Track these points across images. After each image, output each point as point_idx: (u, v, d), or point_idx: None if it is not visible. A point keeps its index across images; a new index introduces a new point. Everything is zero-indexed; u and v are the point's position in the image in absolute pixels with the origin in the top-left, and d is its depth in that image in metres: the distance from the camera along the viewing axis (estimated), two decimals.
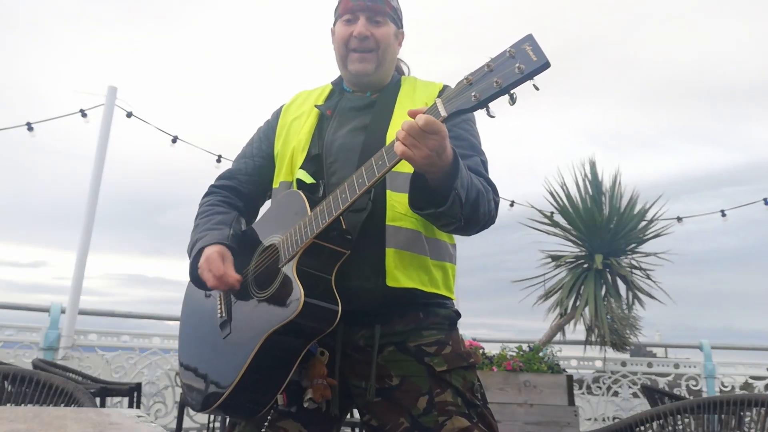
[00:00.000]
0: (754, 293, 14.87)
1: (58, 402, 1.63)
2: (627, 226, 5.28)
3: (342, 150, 1.47)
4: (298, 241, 1.31)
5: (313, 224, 1.28)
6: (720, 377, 5.46)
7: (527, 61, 1.02)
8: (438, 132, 1.12)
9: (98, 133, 5.13)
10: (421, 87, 1.62)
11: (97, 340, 4.94)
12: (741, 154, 25.14)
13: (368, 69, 1.55)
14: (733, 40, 19.46)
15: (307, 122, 1.57)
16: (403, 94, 1.58)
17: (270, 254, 1.38)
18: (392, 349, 1.37)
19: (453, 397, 1.34)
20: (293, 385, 1.31)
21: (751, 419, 1.78)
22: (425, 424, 1.31)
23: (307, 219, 1.30)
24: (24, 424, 0.89)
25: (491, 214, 1.38)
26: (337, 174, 1.44)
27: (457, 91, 1.10)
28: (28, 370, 1.76)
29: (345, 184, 1.25)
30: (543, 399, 3.78)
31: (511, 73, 1.02)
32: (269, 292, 1.30)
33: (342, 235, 1.31)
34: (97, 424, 0.96)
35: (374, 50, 1.54)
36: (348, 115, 1.55)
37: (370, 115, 1.52)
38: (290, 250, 1.31)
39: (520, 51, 1.03)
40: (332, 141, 1.49)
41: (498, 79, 1.03)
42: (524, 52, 1.02)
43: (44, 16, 17.40)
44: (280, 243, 1.36)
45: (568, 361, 5.61)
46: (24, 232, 51.51)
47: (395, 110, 1.53)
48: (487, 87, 1.05)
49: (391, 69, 1.63)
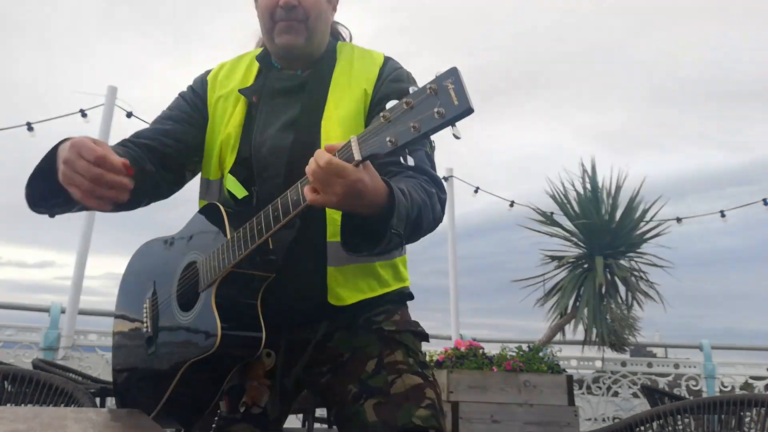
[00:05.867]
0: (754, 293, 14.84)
1: (58, 402, 1.62)
2: (627, 226, 5.28)
3: (272, 154, 1.33)
4: (215, 267, 1.20)
5: (230, 252, 1.18)
6: (720, 377, 5.45)
7: (448, 103, 0.86)
8: (345, 177, 0.96)
9: (98, 133, 5.13)
10: (359, 62, 1.44)
11: (97, 340, 4.94)
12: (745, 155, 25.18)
13: (297, 42, 1.37)
14: (736, 42, 19.50)
15: (235, 112, 1.40)
16: (339, 72, 1.41)
17: (191, 274, 1.29)
18: (342, 332, 1.33)
19: (404, 356, 1.30)
20: (236, 389, 1.28)
21: (751, 419, 1.78)
22: (373, 385, 1.25)
23: (225, 244, 1.20)
24: (24, 424, 0.89)
25: (436, 221, 1.26)
26: (268, 183, 1.32)
27: (374, 131, 0.95)
28: (28, 370, 1.76)
29: (261, 214, 1.14)
30: (543, 399, 3.78)
31: (429, 117, 0.88)
32: (190, 318, 1.23)
33: (266, 257, 1.22)
34: (97, 424, 0.96)
35: (304, 20, 1.36)
36: (277, 103, 1.39)
37: (300, 104, 1.37)
38: (208, 276, 1.21)
39: (441, 89, 0.87)
40: (261, 143, 1.35)
41: (415, 123, 0.89)
42: (446, 91, 0.87)
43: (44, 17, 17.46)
44: (200, 264, 1.26)
45: (568, 361, 5.61)
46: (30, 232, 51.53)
47: (329, 95, 1.37)
48: (403, 131, 0.91)
49: (324, 39, 1.44)
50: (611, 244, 5.24)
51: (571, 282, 5.20)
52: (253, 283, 1.22)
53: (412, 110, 0.91)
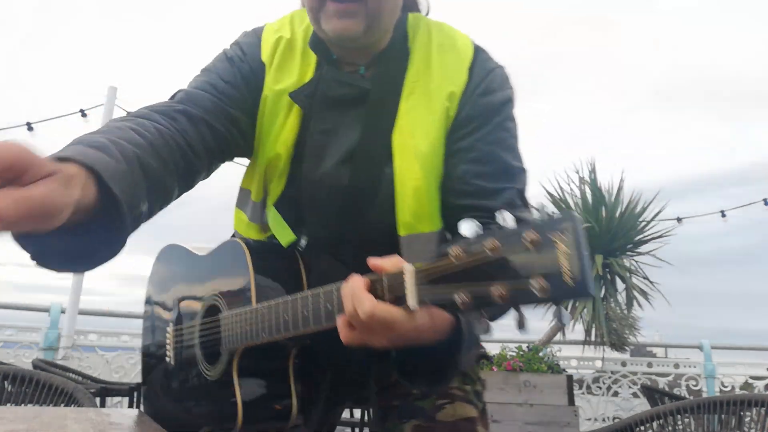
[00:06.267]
0: (754, 293, 14.85)
1: (58, 402, 1.62)
2: (627, 226, 5.28)
3: (328, 197, 1.07)
4: (237, 335, 1.01)
5: (253, 330, 0.97)
6: (720, 377, 5.45)
7: (554, 274, 0.56)
8: (395, 329, 0.72)
9: None
10: (439, 57, 1.08)
11: (97, 340, 4.94)
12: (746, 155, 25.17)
13: (353, 29, 0.99)
14: (738, 44, 19.54)
15: (287, 124, 1.09)
16: (413, 76, 1.06)
17: (213, 324, 1.11)
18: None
19: (459, 383, 1.12)
20: None
21: (751, 419, 1.78)
22: (419, 406, 1.09)
23: (250, 314, 0.99)
24: (24, 424, 0.89)
25: None
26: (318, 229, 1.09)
27: (441, 270, 0.67)
28: (28, 370, 1.76)
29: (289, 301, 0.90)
30: (543, 399, 3.78)
31: (523, 287, 0.58)
32: (212, 376, 1.11)
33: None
34: (97, 424, 0.96)
35: (363, 0, 0.99)
36: (332, 120, 1.08)
37: (361, 124, 1.06)
38: (231, 340, 1.03)
39: (546, 245, 0.57)
40: (315, 182, 1.08)
41: (501, 290, 0.60)
42: (552, 250, 0.57)
43: (45, 17, 17.47)
44: (222, 318, 1.07)
45: (567, 361, 5.61)
46: None
47: (400, 113, 1.05)
48: (483, 296, 0.62)
49: (390, 24, 1.07)
50: (611, 243, 5.25)
51: None
52: (281, 351, 1.05)
53: (499, 264, 0.61)
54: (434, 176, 1.04)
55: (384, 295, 0.73)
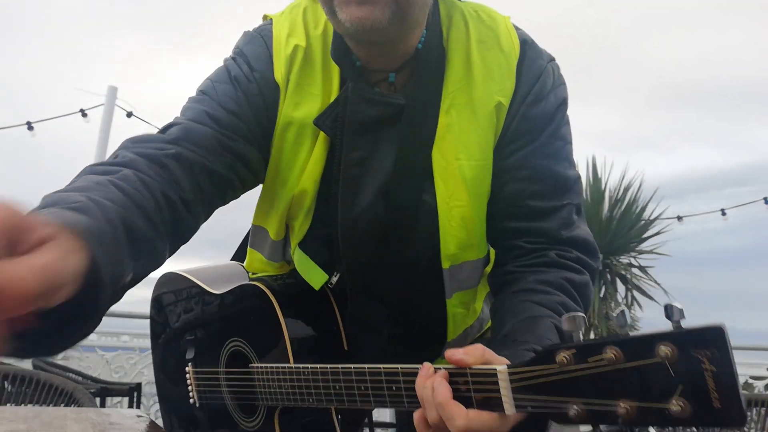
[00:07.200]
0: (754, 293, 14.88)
1: (58, 402, 1.62)
2: (627, 225, 5.28)
3: (365, 232, 0.95)
4: (275, 393, 0.93)
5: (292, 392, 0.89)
6: None
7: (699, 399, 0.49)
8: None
9: (98, 133, 5.14)
10: (480, 56, 0.90)
11: (97, 340, 4.94)
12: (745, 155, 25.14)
13: (375, 18, 0.80)
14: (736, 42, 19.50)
15: (313, 157, 0.94)
16: (452, 84, 0.90)
17: (245, 377, 1.01)
18: None
19: None
20: None
21: (751, 419, 1.78)
22: None
23: (287, 372, 0.90)
24: (24, 424, 0.89)
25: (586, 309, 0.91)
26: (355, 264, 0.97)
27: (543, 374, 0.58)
28: (28, 370, 1.76)
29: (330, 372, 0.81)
30: None
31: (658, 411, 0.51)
32: (252, 428, 1.04)
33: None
34: (97, 424, 0.96)
35: None
36: (365, 146, 0.92)
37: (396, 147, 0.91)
38: (268, 396, 0.95)
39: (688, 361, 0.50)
40: (352, 220, 0.94)
41: (627, 406, 0.53)
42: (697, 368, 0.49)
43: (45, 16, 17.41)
44: (255, 371, 0.98)
45: None
46: None
47: (439, 130, 0.90)
48: (602, 412, 0.54)
49: (422, 14, 0.88)
50: (611, 243, 5.25)
51: None
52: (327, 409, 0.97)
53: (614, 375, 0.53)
54: (482, 201, 0.92)
55: (470, 395, 0.64)
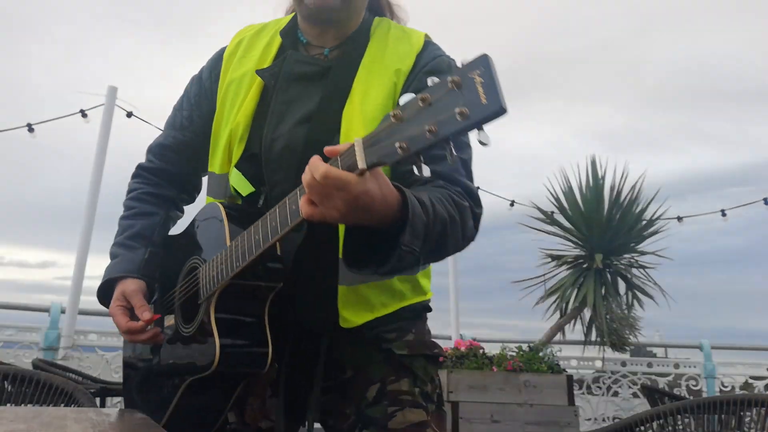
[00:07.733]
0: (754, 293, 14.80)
1: (58, 402, 1.62)
2: (627, 225, 5.28)
3: (284, 154, 1.17)
4: (214, 277, 1.09)
5: (228, 262, 1.05)
6: (720, 377, 5.46)
7: (473, 102, 0.68)
8: (347, 190, 0.81)
9: (98, 133, 5.13)
10: (394, 43, 1.23)
11: (97, 340, 4.94)
12: (747, 155, 25.05)
13: (333, 1, 1.15)
14: (737, 42, 19.53)
15: (248, 98, 1.22)
16: (370, 56, 1.21)
17: (192, 282, 1.18)
18: (347, 345, 1.19)
19: (409, 386, 1.17)
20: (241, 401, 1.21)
21: (751, 419, 1.78)
22: (371, 415, 1.14)
23: (225, 252, 1.07)
24: (24, 424, 0.89)
25: (467, 240, 1.09)
26: (278, 187, 1.16)
27: (383, 132, 0.78)
28: (28, 370, 1.76)
29: (260, 222, 1.01)
30: (543, 399, 3.78)
31: (450, 118, 0.70)
32: (190, 331, 1.15)
33: (272, 265, 1.10)
34: (97, 424, 0.96)
35: None
36: (294, 91, 1.20)
37: (320, 94, 1.18)
38: (208, 287, 1.10)
39: (466, 82, 0.69)
40: (273, 140, 1.18)
41: (432, 126, 0.71)
42: (472, 85, 0.68)
43: (45, 17, 17.44)
44: (200, 272, 1.15)
45: (568, 361, 5.61)
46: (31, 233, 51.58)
47: (355, 85, 1.17)
48: (417, 135, 0.73)
49: (362, 6, 1.24)
50: (611, 242, 5.24)
51: (571, 281, 5.20)
52: (257, 293, 1.11)
53: (430, 108, 0.72)
54: None
55: (338, 166, 0.83)
